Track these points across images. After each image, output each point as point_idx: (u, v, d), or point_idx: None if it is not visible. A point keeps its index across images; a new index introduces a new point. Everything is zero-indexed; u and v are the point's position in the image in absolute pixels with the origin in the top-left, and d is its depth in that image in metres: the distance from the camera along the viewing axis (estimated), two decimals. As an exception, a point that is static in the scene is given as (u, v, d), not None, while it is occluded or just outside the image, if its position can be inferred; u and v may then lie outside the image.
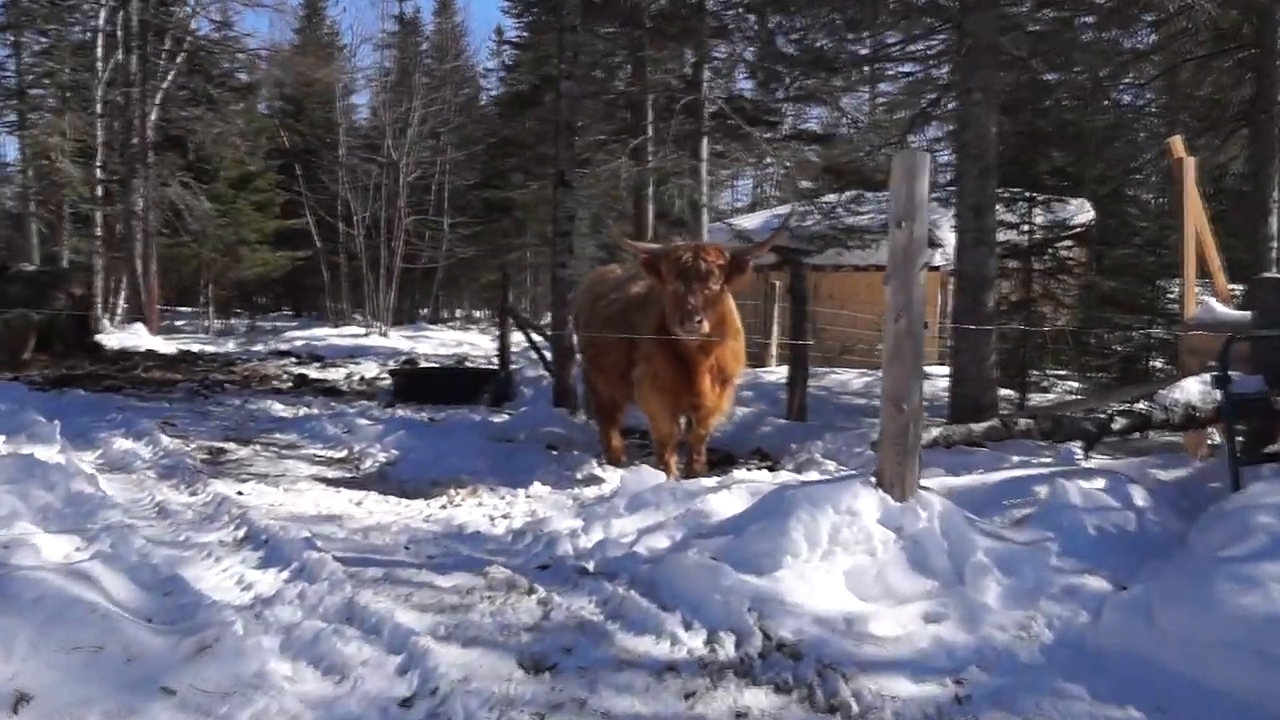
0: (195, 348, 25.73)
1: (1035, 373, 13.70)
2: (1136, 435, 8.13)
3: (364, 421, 11.03)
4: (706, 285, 7.97)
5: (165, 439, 9.83)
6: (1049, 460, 8.38)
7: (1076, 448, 7.86)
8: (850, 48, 14.58)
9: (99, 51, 31.25)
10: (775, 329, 20.26)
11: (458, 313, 52.72)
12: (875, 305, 22.17)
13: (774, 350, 20.24)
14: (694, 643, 4.88)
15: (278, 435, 11.05)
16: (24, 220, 32.88)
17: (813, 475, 8.75)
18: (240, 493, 7.94)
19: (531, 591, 5.64)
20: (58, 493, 6.96)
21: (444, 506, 7.85)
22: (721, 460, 10.52)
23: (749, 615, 5.03)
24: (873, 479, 5.97)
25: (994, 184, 11.39)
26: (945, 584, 5.47)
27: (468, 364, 21.28)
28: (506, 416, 12.90)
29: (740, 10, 19.51)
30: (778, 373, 17.71)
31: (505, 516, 7.51)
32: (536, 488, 8.34)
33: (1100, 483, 6.44)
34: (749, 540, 5.77)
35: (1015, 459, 8.71)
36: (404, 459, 9.47)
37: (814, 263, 21.56)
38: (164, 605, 5.17)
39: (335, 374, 18.97)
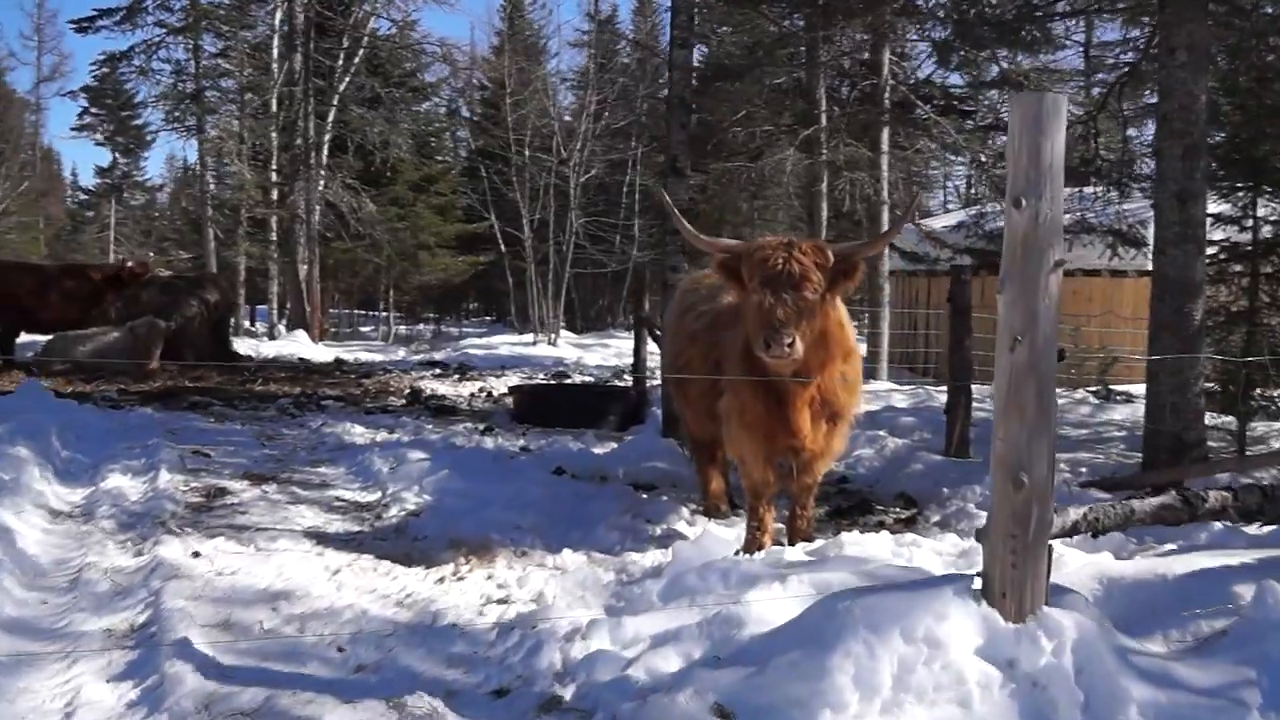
0: (352, 356, 24.84)
1: (1261, 393, 11.12)
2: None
3: (417, 455, 9.28)
4: (801, 293, 6.01)
5: (166, 476, 8.32)
6: (1266, 533, 6.10)
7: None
8: (1038, 14, 12.37)
9: (275, 52, 30.74)
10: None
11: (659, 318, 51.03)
12: (1084, 313, 19.71)
13: (954, 366, 17.90)
14: None
15: (322, 470, 9.46)
16: (202, 224, 32.64)
17: (947, 540, 6.74)
18: (197, 554, 6.32)
19: (445, 744, 3.83)
20: (-69, 557, 5.44)
21: (440, 580, 6.07)
22: (856, 507, 8.66)
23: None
24: (975, 584, 4.00)
25: (1203, 166, 9.00)
26: (1077, 759, 3.51)
27: (625, 378, 19.51)
28: (614, 445, 11.12)
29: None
30: (958, 392, 15.50)
31: (504, 601, 5.71)
32: (568, 556, 6.50)
33: (1336, 583, 4.30)
34: (774, 678, 3.88)
35: (1217, 525, 6.46)
36: (437, 506, 7.72)
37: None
38: None
39: (468, 389, 17.44)
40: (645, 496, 8.50)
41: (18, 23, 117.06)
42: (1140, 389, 15.92)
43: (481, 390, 16.96)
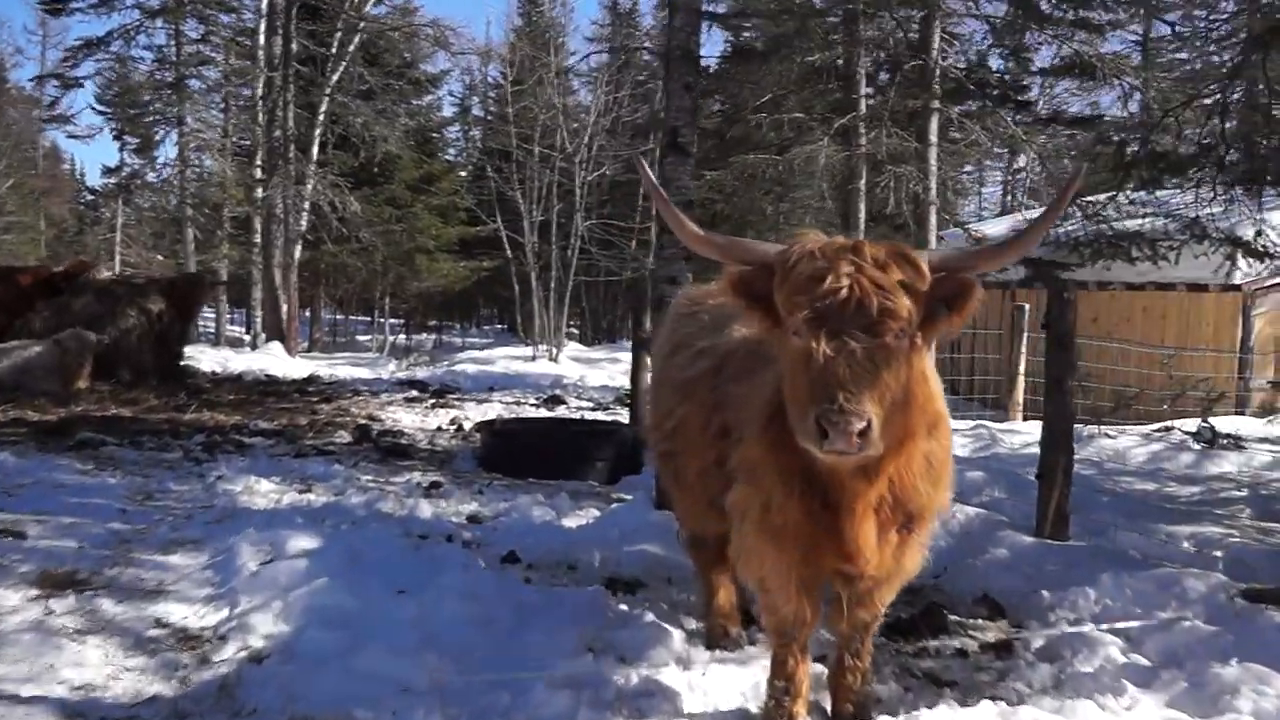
0: (330, 371, 22.52)
1: None
2: None
3: (300, 543, 6.57)
4: (880, 339, 3.55)
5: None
6: None
7: None
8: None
9: (261, 38, 28.34)
10: (1022, 369, 15.16)
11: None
12: (1157, 334, 17.14)
13: (1019, 399, 15.16)
14: None
15: (172, 560, 6.73)
16: (181, 224, 30.24)
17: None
18: None
19: None
20: None
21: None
22: (923, 619, 6.01)
23: None
24: None
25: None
26: None
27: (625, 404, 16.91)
28: (595, 512, 8.65)
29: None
30: (1024, 432, 12.88)
31: None
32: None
33: None
34: None
35: None
36: (293, 644, 5.03)
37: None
38: None
39: (437, 419, 14.98)
40: (624, 607, 5.88)
41: (23, 17, 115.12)
42: (1247, 426, 13.37)
43: (452, 422, 14.37)
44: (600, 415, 15.69)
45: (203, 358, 21.72)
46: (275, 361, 23.28)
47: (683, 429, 5.06)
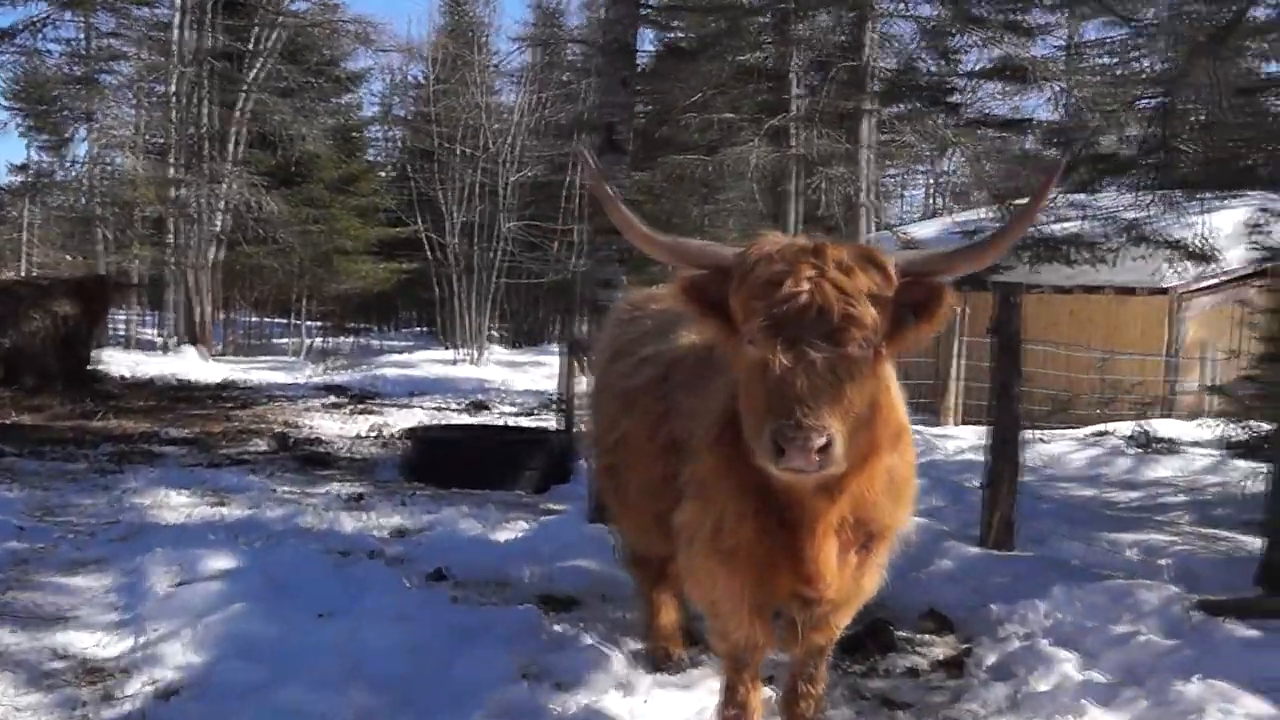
0: (247, 376, 22.04)
1: None
2: None
3: (215, 563, 6.24)
4: (843, 349, 3.28)
5: None
6: None
7: None
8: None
9: (175, 33, 27.64)
10: (957, 372, 15.07)
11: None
12: (1084, 338, 17.11)
13: (953, 403, 15.05)
14: None
15: (76, 581, 6.34)
16: (92, 225, 29.39)
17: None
18: None
19: None
20: None
21: None
22: (869, 635, 5.74)
23: None
24: None
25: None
26: None
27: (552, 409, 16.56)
28: (525, 525, 8.35)
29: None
30: (959, 437, 12.76)
31: None
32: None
33: None
34: None
35: None
36: (207, 678, 4.68)
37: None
38: None
39: (358, 426, 14.62)
40: (560, 628, 5.59)
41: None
42: (1180, 430, 13.35)
43: (374, 429, 14.03)
44: (527, 421, 15.39)
45: (113, 362, 21.12)
46: (189, 366, 22.84)
47: (626, 442, 4.78)
